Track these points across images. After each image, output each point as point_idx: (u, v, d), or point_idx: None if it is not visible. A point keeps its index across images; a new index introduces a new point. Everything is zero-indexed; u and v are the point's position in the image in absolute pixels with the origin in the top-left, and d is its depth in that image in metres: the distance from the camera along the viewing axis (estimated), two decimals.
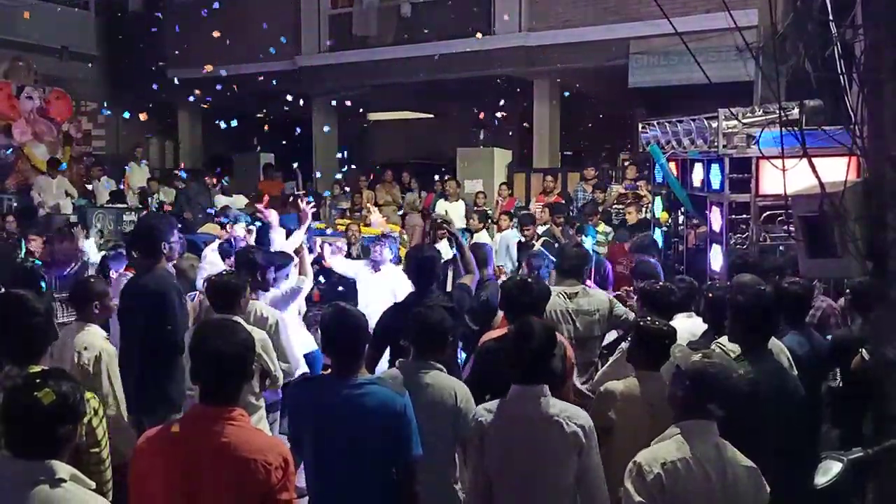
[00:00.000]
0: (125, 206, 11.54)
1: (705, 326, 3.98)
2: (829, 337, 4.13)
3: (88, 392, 2.52)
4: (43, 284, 4.49)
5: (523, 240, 7.81)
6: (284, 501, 2.28)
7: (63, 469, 2.02)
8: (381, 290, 5.74)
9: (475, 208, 10.65)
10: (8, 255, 7.08)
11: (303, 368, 4.62)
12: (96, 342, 3.59)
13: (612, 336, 4.66)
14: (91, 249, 7.16)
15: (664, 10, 3.82)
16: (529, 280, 3.96)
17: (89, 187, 12.11)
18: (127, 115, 10.93)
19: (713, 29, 7.02)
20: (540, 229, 8.11)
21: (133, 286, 4.13)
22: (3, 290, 3.67)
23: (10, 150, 11.85)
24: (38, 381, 2.06)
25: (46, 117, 12.16)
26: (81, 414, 2.18)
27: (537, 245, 7.01)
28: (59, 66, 12.57)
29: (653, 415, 3.11)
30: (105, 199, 11.70)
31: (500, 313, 4.00)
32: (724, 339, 3.53)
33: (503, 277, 5.63)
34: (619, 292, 5.46)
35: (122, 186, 12.42)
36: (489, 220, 10.05)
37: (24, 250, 7.22)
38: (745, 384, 2.66)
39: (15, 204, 10.75)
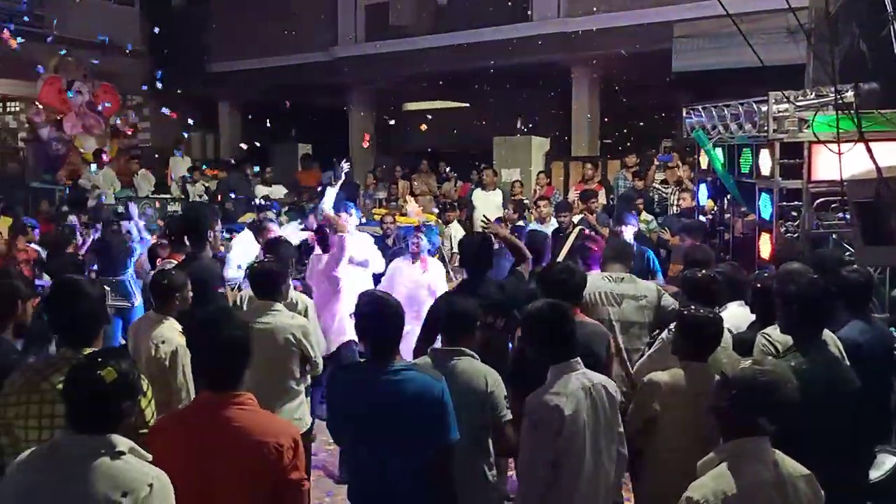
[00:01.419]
0: (168, 196, 11.75)
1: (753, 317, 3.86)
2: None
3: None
4: None
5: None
6: (295, 481, 2.35)
7: (123, 442, 2.11)
8: (419, 283, 5.63)
9: (512, 197, 10.58)
10: (63, 244, 7.29)
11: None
12: (174, 337, 3.58)
13: None
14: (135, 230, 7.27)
15: None
16: (572, 265, 3.94)
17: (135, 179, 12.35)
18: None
19: (764, 10, 6.82)
20: (576, 218, 7.97)
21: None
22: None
23: (62, 142, 12.16)
24: (99, 359, 2.16)
25: (95, 111, 12.43)
26: (139, 391, 2.28)
27: (573, 234, 6.89)
28: (107, 61, 12.82)
29: (699, 407, 3.02)
30: (149, 191, 11.92)
31: None
32: (770, 330, 3.43)
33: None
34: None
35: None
36: (526, 210, 9.97)
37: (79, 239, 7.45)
38: (798, 394, 2.40)
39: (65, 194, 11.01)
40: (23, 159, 14.94)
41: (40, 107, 12.20)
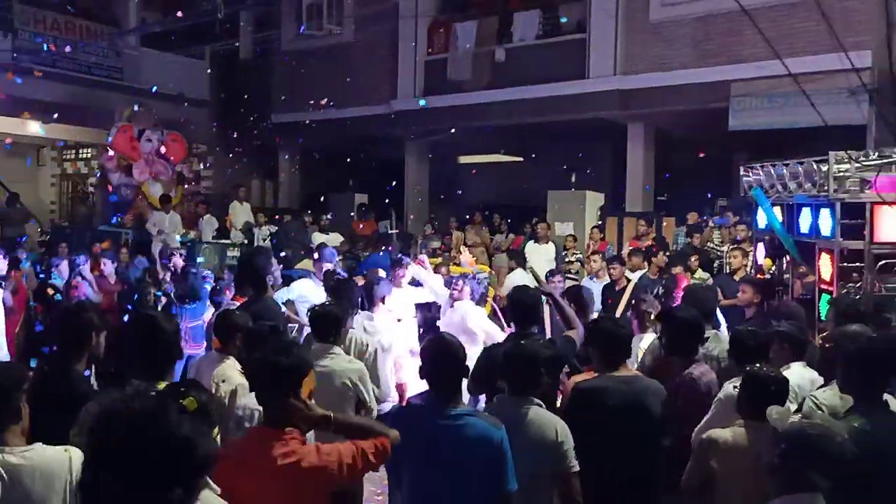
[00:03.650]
0: (228, 241, 12.12)
1: (821, 379, 3.77)
2: None
3: None
4: None
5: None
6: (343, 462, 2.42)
7: None
8: (452, 326, 5.69)
9: (564, 251, 10.58)
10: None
11: (393, 395, 4.66)
12: (234, 376, 3.66)
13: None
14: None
15: (775, 51, 3.77)
16: (618, 319, 3.94)
17: (199, 223, 12.78)
18: None
19: (825, 70, 6.80)
20: (634, 275, 7.90)
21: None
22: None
23: (130, 188, 12.71)
24: (182, 389, 2.28)
25: (163, 158, 12.99)
26: (216, 423, 2.37)
27: (630, 286, 6.82)
28: (176, 111, 13.45)
29: (759, 468, 2.96)
30: (210, 236, 12.31)
31: None
32: (819, 392, 3.38)
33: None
34: None
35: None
36: (579, 264, 9.96)
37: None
38: (853, 448, 2.35)
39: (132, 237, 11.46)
40: (91, 204, 15.67)
41: (112, 153, 12.79)
